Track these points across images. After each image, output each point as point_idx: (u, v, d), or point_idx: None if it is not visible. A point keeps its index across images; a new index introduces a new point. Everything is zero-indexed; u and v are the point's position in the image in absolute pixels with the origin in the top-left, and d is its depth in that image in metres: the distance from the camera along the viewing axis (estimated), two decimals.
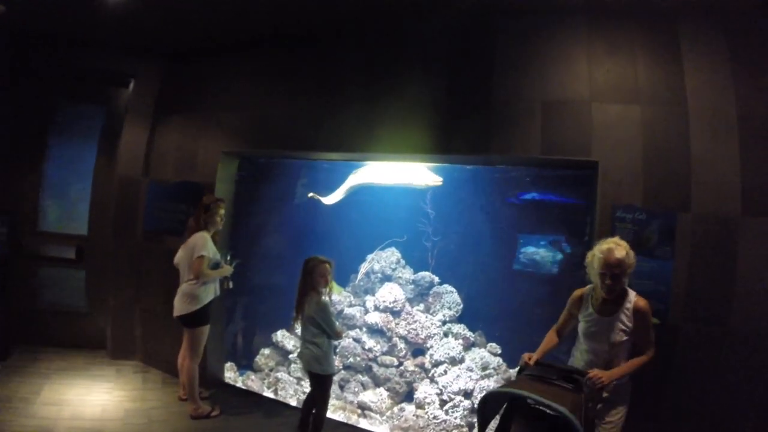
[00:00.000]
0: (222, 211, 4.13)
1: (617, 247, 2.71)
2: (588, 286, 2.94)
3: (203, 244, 3.91)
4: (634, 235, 3.34)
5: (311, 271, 3.54)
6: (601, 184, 3.44)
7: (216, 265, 4.05)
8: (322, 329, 3.53)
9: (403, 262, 5.82)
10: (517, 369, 2.84)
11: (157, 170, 5.13)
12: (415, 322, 5.17)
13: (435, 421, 4.33)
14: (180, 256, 4.07)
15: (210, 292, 4.02)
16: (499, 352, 5.11)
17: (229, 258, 4.31)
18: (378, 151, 4.20)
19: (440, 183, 4.92)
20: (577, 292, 2.97)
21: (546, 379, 2.49)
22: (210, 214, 4.02)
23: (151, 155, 5.17)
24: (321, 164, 5.65)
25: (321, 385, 3.63)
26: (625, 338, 2.73)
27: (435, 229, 5.62)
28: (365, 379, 5.01)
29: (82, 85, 5.40)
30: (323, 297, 3.56)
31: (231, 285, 4.32)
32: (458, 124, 3.88)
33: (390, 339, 5.11)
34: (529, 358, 2.79)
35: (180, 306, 3.94)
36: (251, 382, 4.97)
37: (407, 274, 5.68)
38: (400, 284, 5.50)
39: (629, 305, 2.75)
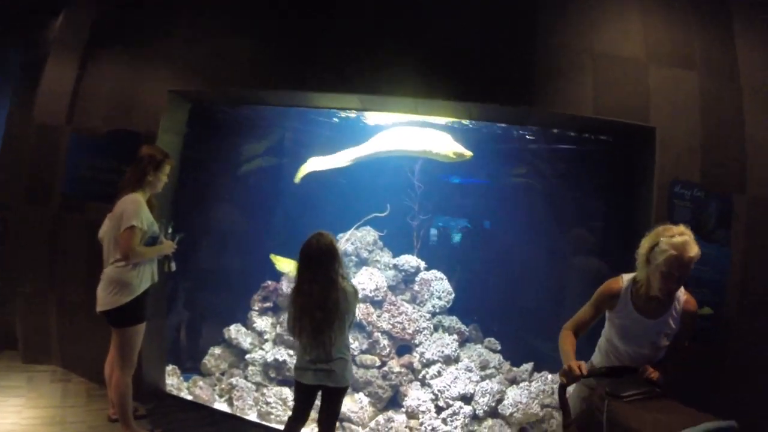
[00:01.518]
0: (168, 170, 3.18)
1: (691, 241, 2.17)
2: (626, 278, 2.38)
3: (135, 210, 2.91)
4: (692, 215, 3.03)
5: (335, 256, 2.64)
6: (659, 156, 3.08)
7: (153, 241, 3.07)
8: (347, 325, 2.71)
9: (380, 243, 5.05)
10: (559, 381, 2.22)
11: (84, 117, 4.02)
12: (401, 314, 4.39)
13: None
14: (105, 229, 3.06)
15: (145, 278, 3.05)
16: (499, 348, 4.54)
17: (170, 231, 3.31)
18: (388, 94, 3.40)
19: (470, 156, 4.11)
20: (613, 286, 2.39)
21: (638, 395, 2.14)
22: (159, 173, 3.10)
23: (78, 98, 4.06)
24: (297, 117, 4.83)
25: (341, 399, 2.83)
26: (668, 342, 2.33)
27: (422, 206, 4.89)
28: None
29: None
30: (350, 283, 2.75)
31: (173, 267, 3.32)
32: (493, 67, 3.28)
33: (370, 334, 4.33)
34: (579, 367, 2.16)
35: (105, 297, 2.95)
36: (199, 390, 4.07)
37: (386, 257, 4.93)
38: (378, 269, 4.70)
39: (678, 306, 2.31)
